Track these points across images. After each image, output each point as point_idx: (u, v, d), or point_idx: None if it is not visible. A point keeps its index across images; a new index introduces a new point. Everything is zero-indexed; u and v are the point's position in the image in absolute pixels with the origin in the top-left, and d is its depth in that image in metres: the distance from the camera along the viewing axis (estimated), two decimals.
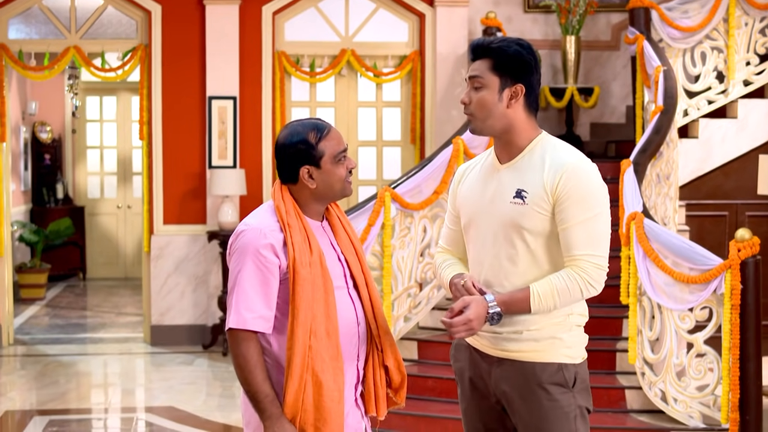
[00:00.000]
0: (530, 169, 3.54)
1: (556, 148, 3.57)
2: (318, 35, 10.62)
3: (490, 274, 3.63)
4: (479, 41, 3.63)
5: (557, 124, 10.80)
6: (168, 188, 10.27)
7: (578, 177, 3.48)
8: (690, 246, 6.76)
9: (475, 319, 3.47)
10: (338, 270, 3.63)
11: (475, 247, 3.70)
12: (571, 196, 3.47)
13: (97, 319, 12.09)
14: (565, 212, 3.49)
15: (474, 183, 3.74)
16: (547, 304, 3.50)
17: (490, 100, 3.56)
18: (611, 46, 10.92)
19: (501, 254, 3.59)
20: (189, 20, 10.27)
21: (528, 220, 3.53)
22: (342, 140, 3.63)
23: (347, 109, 10.80)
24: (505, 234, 3.57)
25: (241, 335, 3.47)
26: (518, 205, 3.54)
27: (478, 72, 3.58)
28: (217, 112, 10.21)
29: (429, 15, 10.53)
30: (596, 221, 3.51)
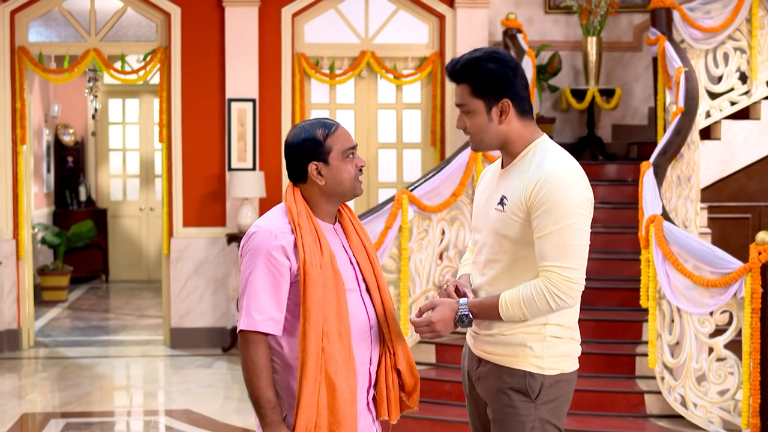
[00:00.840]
0: (516, 176, 3.54)
1: (544, 155, 3.52)
2: (338, 37, 10.58)
3: (477, 278, 3.68)
4: (450, 67, 3.58)
5: (579, 125, 10.73)
6: (187, 191, 10.25)
7: (552, 186, 3.42)
8: (710, 249, 6.68)
9: (438, 322, 3.51)
10: (350, 273, 3.62)
11: (474, 251, 3.75)
12: (543, 205, 3.43)
13: (118, 321, 12.09)
14: (538, 221, 3.44)
15: (483, 187, 3.78)
16: (515, 312, 3.48)
17: (482, 123, 3.55)
18: (633, 47, 10.83)
19: (486, 260, 3.63)
20: (208, 22, 10.26)
21: (506, 227, 3.53)
22: (350, 138, 3.62)
23: (367, 111, 10.76)
24: (491, 240, 3.60)
25: (251, 337, 3.46)
26: (499, 212, 3.56)
27: (461, 100, 3.57)
28: (237, 114, 10.19)
29: (449, 16, 10.48)
30: (568, 232, 3.42)
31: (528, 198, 3.44)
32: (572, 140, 10.64)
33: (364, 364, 3.59)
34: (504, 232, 3.52)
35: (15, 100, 10.16)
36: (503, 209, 3.52)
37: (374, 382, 3.66)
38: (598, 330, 7.68)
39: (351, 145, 3.59)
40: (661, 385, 6.93)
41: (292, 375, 3.51)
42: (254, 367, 3.45)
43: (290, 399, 3.52)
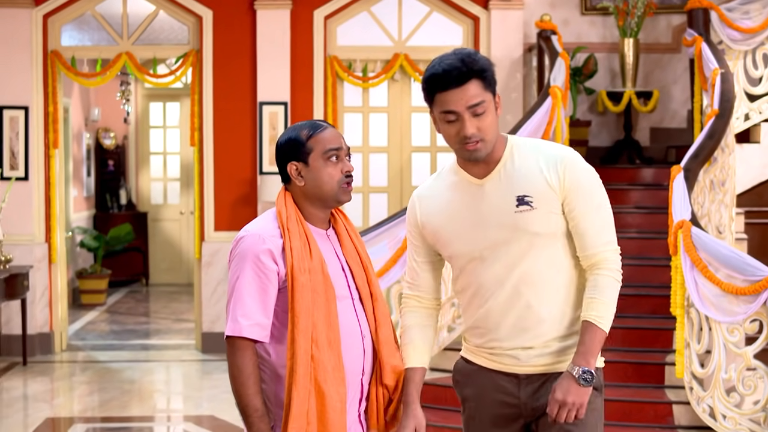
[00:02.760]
0: (522, 173, 3.39)
1: (536, 146, 3.45)
2: (371, 39, 10.49)
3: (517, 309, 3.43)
4: (458, 66, 3.31)
5: (615, 128, 10.55)
6: (219, 195, 10.21)
7: (576, 167, 3.39)
8: (739, 256, 6.49)
9: (565, 396, 3.34)
10: (341, 280, 3.51)
11: (477, 278, 3.47)
12: (577, 189, 3.37)
13: (154, 325, 12.09)
14: (577, 205, 3.38)
15: (449, 208, 3.50)
16: (611, 315, 3.40)
17: (494, 121, 3.37)
18: (672, 49, 10.63)
19: (522, 274, 3.40)
20: (240, 25, 10.21)
21: (541, 224, 3.38)
22: (339, 140, 3.50)
23: (400, 114, 10.66)
24: (521, 248, 3.39)
25: (237, 343, 3.35)
26: (527, 212, 3.37)
27: (480, 97, 3.31)
28: (268, 117, 10.13)
29: (483, 18, 10.35)
30: (605, 209, 3.44)
31: (561, 186, 3.36)
32: (609, 143, 10.46)
33: (356, 374, 3.47)
34: (538, 229, 3.37)
35: (48, 104, 10.18)
36: (532, 207, 3.35)
37: (366, 395, 3.54)
38: (628, 338, 7.51)
39: (334, 146, 3.47)
40: (689, 396, 6.75)
41: (280, 384, 3.41)
42: (240, 374, 3.35)
43: (278, 409, 3.41)
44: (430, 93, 3.38)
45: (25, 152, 10.08)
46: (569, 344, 3.44)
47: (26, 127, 10.08)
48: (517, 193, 3.37)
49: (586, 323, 3.36)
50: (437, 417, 7.18)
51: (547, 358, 3.45)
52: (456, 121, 3.32)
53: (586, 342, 3.35)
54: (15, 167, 10.05)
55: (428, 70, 3.35)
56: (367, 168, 10.61)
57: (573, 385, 3.33)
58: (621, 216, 8.84)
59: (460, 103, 3.30)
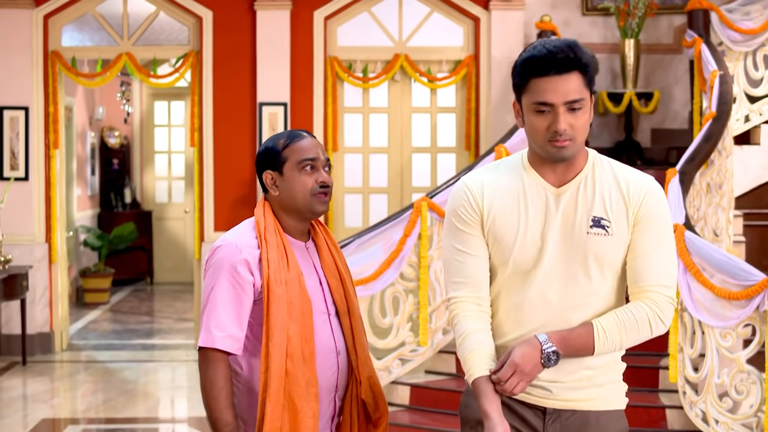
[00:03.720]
0: (601, 192, 3.05)
1: (618, 166, 3.12)
2: (371, 40, 10.47)
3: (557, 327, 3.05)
4: (564, 50, 2.94)
5: (616, 129, 10.53)
6: (219, 195, 10.21)
7: (657, 198, 3.06)
8: (732, 260, 6.47)
9: (522, 363, 2.96)
10: (318, 294, 3.47)
11: (524, 293, 3.09)
12: (649, 220, 3.04)
13: (155, 324, 12.11)
14: (642, 237, 3.04)
15: (516, 208, 3.09)
16: (613, 342, 3.02)
17: (588, 124, 3.02)
18: (673, 50, 10.59)
19: (575, 300, 3.05)
20: (240, 26, 10.20)
21: (613, 253, 3.05)
22: (315, 150, 3.45)
23: (401, 114, 10.64)
24: (583, 272, 3.05)
25: (210, 355, 3.31)
26: (600, 236, 3.02)
27: (579, 93, 2.95)
28: (268, 118, 10.13)
29: (484, 19, 10.32)
30: (670, 249, 3.10)
31: (636, 214, 3.03)
32: (610, 144, 10.43)
33: (329, 391, 3.44)
34: (608, 258, 3.04)
35: (48, 104, 10.19)
36: (607, 232, 3.02)
37: (340, 411, 3.50)
38: None
39: (309, 156, 3.43)
40: (682, 400, 6.73)
41: (253, 398, 3.37)
42: (212, 387, 3.30)
43: (250, 424, 3.38)
44: (523, 77, 2.99)
45: (26, 152, 10.10)
46: (608, 380, 3.14)
47: (26, 127, 10.09)
48: (593, 213, 3.04)
49: (589, 325, 3.01)
50: (431, 420, 7.18)
51: (581, 393, 3.10)
52: (548, 113, 2.96)
53: (575, 337, 3.00)
54: (15, 167, 10.07)
55: (527, 51, 2.99)
56: (368, 169, 10.60)
57: (535, 356, 2.97)
58: None
59: (558, 95, 2.93)
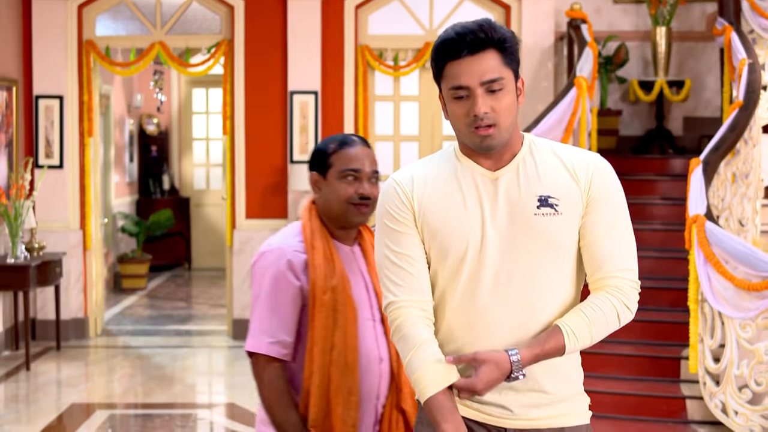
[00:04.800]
0: (545, 171, 2.81)
1: (559, 146, 2.89)
2: (402, 28, 10.49)
3: (517, 319, 2.79)
4: (474, 30, 2.73)
5: (647, 118, 10.48)
6: (250, 183, 10.29)
7: (608, 175, 2.82)
8: (752, 251, 6.46)
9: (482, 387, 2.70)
10: (365, 300, 3.40)
11: (470, 290, 2.80)
12: (601, 199, 2.79)
13: (190, 310, 12.22)
14: (598, 220, 2.79)
15: (450, 199, 2.82)
16: (583, 342, 2.77)
17: (513, 103, 2.77)
18: (706, 37, 10.52)
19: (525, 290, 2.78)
20: (271, 15, 10.26)
21: (565, 234, 2.79)
22: (362, 161, 3.35)
23: (431, 102, 10.66)
24: (534, 259, 2.78)
25: (260, 360, 3.30)
26: (549, 216, 2.76)
27: (496, 72, 2.72)
28: (299, 106, 10.18)
29: (515, 6, 10.31)
30: (628, 229, 2.84)
31: (588, 193, 2.79)
32: (641, 132, 10.40)
33: (371, 399, 3.37)
34: (559, 240, 2.77)
35: (82, 93, 10.31)
36: (556, 211, 2.76)
37: (380, 419, 3.41)
38: (646, 331, 7.49)
39: (353, 167, 3.34)
40: (702, 391, 6.73)
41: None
42: (269, 390, 3.29)
43: None
44: (438, 64, 2.79)
45: (60, 141, 10.22)
46: (569, 395, 2.87)
47: (61, 115, 10.22)
48: (539, 192, 2.78)
49: (557, 330, 2.75)
50: None
51: (543, 410, 2.83)
52: (466, 99, 2.72)
53: (546, 347, 2.74)
54: (50, 155, 10.20)
55: (439, 36, 2.79)
56: (398, 157, 10.63)
57: (500, 380, 2.71)
58: (646, 207, 8.80)
59: (473, 77, 2.71)
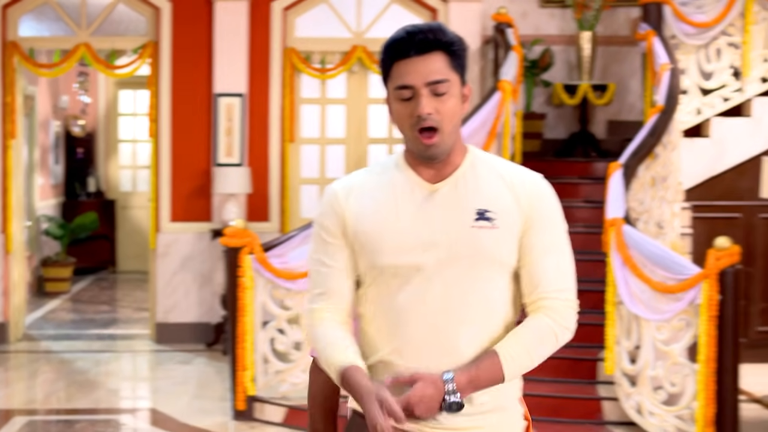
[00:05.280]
0: (484, 185, 2.79)
1: (502, 162, 2.87)
2: (329, 31, 10.49)
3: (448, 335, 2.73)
4: (423, 31, 2.72)
5: (572, 121, 10.57)
6: (175, 186, 10.22)
7: (547, 194, 2.82)
8: (668, 254, 6.55)
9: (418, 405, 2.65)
10: None
11: (401, 302, 2.76)
12: (545, 222, 2.78)
13: (113, 314, 12.11)
14: (537, 241, 2.77)
15: (386, 210, 2.79)
16: (522, 367, 2.74)
17: (458, 107, 2.75)
18: (630, 42, 10.62)
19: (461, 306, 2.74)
20: (198, 17, 10.20)
21: (502, 249, 2.75)
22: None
23: (358, 106, 10.66)
24: (469, 273, 2.74)
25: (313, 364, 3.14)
26: (486, 230, 2.73)
27: (441, 73, 2.70)
28: (225, 109, 10.13)
29: (442, 10, 10.35)
30: (567, 250, 2.84)
31: (527, 213, 2.77)
32: (565, 136, 10.49)
33: None
34: (497, 254, 2.74)
35: (5, 94, 10.16)
36: (493, 225, 2.73)
37: None
38: None
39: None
40: (618, 392, 6.80)
41: None
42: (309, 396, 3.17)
43: None
44: (386, 63, 2.76)
45: None
46: (503, 405, 2.81)
47: None
48: (477, 206, 2.76)
49: (494, 354, 2.71)
50: None
51: (474, 420, 2.76)
52: (411, 100, 2.71)
53: (482, 372, 2.70)
54: None
55: (390, 36, 2.77)
56: (324, 160, 10.61)
57: (435, 401, 2.66)
58: (569, 210, 8.78)
59: (419, 76, 2.70)
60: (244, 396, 7.39)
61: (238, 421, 7.41)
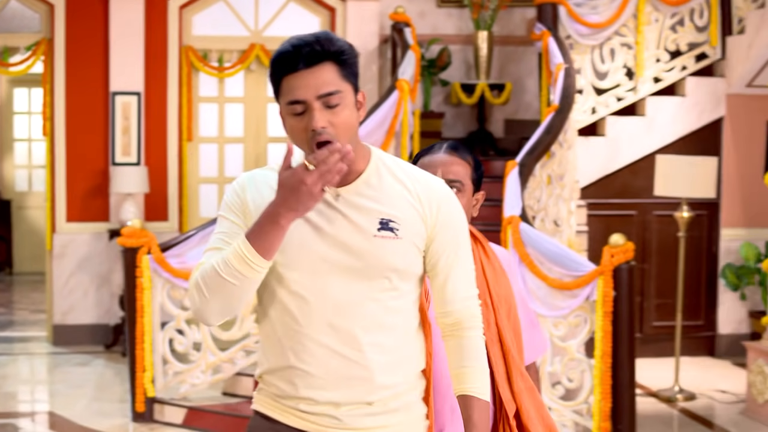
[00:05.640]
0: (388, 193, 2.77)
1: (407, 168, 2.84)
2: (227, 29, 10.43)
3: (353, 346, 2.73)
4: (310, 42, 2.67)
5: (470, 120, 10.67)
6: (71, 185, 10.06)
7: (453, 201, 2.83)
8: (565, 252, 6.65)
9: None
10: None
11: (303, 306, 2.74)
12: (452, 231, 2.81)
13: (9, 316, 11.89)
14: (448, 250, 2.81)
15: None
16: (487, 383, 2.85)
17: (353, 120, 2.72)
18: (526, 42, 10.76)
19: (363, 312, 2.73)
20: (93, 14, 10.05)
21: (402, 258, 2.75)
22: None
23: (257, 104, 10.62)
24: (368, 283, 2.74)
25: None
26: (389, 240, 2.72)
27: (333, 85, 2.67)
28: (121, 108, 10.01)
29: (340, 9, 10.37)
30: (470, 253, 2.89)
31: (433, 222, 2.78)
32: (463, 135, 10.58)
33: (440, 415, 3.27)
34: (399, 264, 2.74)
35: None
36: (396, 235, 2.72)
37: None
38: None
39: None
40: None
41: None
42: None
43: None
44: (275, 78, 2.72)
45: None
46: (406, 403, 2.81)
47: None
48: (380, 216, 2.73)
49: (470, 399, 2.79)
50: None
51: (376, 419, 2.77)
52: (303, 114, 2.67)
53: (476, 421, 2.77)
54: None
55: (276, 50, 2.72)
56: (223, 158, 10.56)
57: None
58: None
59: (309, 90, 2.65)
60: (144, 398, 7.34)
61: (137, 423, 7.36)
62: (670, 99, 9.58)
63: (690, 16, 9.59)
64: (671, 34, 9.59)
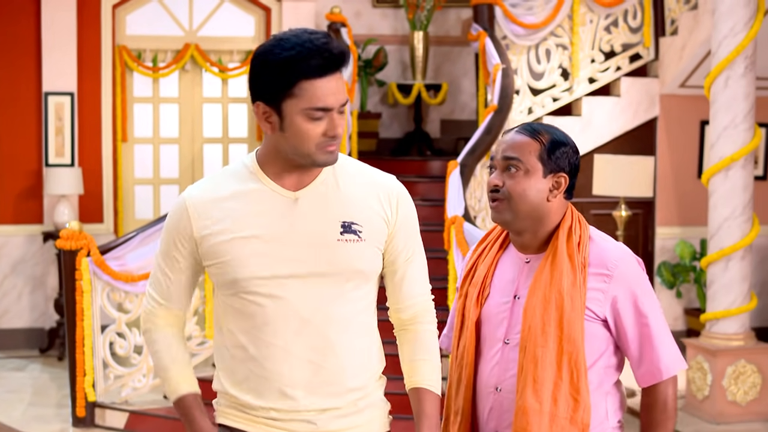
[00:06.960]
0: (349, 195, 2.76)
1: (363, 168, 2.85)
2: (161, 29, 10.34)
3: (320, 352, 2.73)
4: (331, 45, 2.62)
5: (406, 120, 10.70)
6: (3, 187, 9.89)
7: (408, 199, 2.86)
8: None
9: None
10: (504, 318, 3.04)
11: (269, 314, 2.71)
12: (409, 229, 2.83)
13: None
14: (405, 248, 2.82)
15: (246, 222, 2.70)
16: (439, 377, 2.86)
17: None
18: (461, 42, 10.81)
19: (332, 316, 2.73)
20: (23, 12, 9.89)
21: (368, 260, 2.76)
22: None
23: (192, 105, 10.53)
24: (336, 287, 2.73)
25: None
26: (353, 242, 2.71)
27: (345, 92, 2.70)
28: (54, 108, 9.87)
29: (275, 9, 10.33)
30: (423, 250, 2.92)
31: (395, 221, 2.79)
32: (400, 135, 10.60)
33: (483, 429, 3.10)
34: (365, 267, 2.75)
35: None
36: (360, 238, 2.72)
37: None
38: None
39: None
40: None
41: None
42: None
43: None
44: (291, 79, 2.58)
45: None
46: (371, 403, 2.82)
47: None
48: (342, 218, 2.72)
49: (424, 392, 2.81)
50: None
51: (347, 420, 2.77)
52: (323, 119, 2.62)
53: (430, 413, 2.79)
54: None
55: (287, 48, 2.56)
56: (158, 159, 10.46)
57: None
58: None
59: (337, 97, 2.61)
60: (84, 402, 7.24)
61: (78, 428, 7.26)
62: (605, 99, 9.67)
63: (624, 17, 9.69)
64: (606, 35, 9.68)
